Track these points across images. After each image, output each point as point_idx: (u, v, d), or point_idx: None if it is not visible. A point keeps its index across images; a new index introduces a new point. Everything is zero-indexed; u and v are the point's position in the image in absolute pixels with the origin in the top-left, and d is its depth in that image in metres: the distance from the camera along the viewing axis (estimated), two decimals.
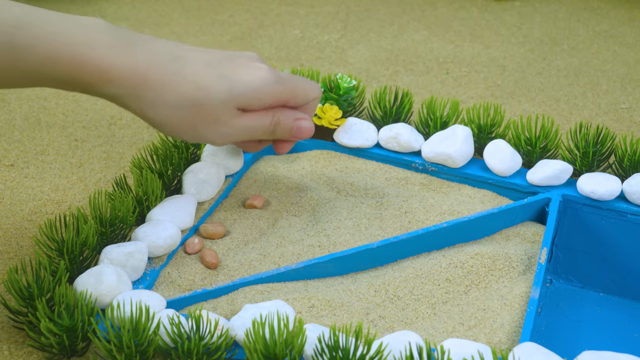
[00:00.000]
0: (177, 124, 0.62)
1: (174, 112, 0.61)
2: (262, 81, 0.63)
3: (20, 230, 0.72)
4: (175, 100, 0.61)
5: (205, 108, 0.62)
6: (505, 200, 0.74)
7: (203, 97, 0.61)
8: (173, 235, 0.66)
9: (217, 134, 0.63)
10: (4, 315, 0.62)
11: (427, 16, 1.21)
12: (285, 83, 0.65)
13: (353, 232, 0.70)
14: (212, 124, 0.63)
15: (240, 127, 0.64)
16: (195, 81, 0.61)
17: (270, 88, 0.64)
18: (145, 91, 0.60)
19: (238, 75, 0.63)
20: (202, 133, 0.63)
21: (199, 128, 0.63)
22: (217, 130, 0.63)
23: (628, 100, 0.97)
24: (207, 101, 0.61)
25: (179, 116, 0.62)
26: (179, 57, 0.62)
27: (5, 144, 0.85)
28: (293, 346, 0.53)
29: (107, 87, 0.60)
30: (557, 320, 0.68)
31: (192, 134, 0.63)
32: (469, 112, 0.80)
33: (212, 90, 0.61)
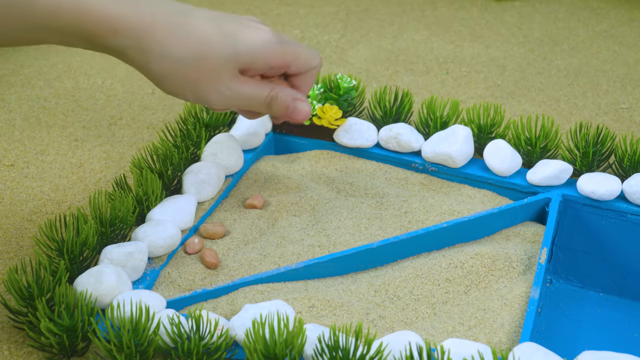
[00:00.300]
0: (180, 78, 0.62)
1: (178, 65, 0.61)
2: (266, 40, 0.64)
3: (20, 230, 0.72)
4: (180, 53, 0.61)
5: (208, 63, 0.61)
6: (505, 200, 0.74)
7: (207, 51, 0.61)
8: (173, 235, 0.66)
9: (217, 93, 0.63)
10: (4, 315, 0.62)
11: (427, 16, 1.21)
12: (288, 45, 0.65)
13: (353, 232, 0.70)
14: (214, 82, 0.62)
15: (239, 93, 0.64)
16: (200, 36, 0.61)
17: (274, 47, 0.64)
18: (150, 43, 0.60)
19: (242, 34, 0.63)
20: (203, 91, 0.63)
21: (200, 84, 0.62)
22: (218, 89, 0.63)
23: (628, 100, 0.97)
24: (211, 56, 0.61)
25: (183, 70, 0.61)
26: (184, 11, 0.62)
27: (5, 144, 0.85)
28: (293, 346, 0.53)
29: (112, 38, 0.59)
30: (557, 320, 0.68)
31: (194, 91, 0.63)
32: (469, 112, 0.80)
33: (216, 46, 0.61)
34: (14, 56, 1.04)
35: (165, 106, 0.94)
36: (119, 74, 1.01)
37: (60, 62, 1.04)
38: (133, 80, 1.00)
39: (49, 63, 1.03)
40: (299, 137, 0.81)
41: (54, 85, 0.98)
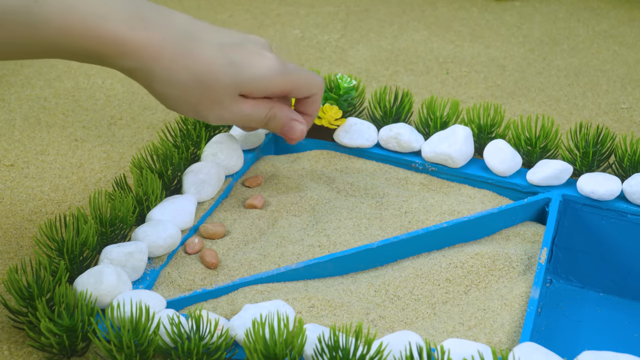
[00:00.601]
0: (180, 101, 0.64)
1: (181, 90, 0.63)
2: (269, 71, 0.65)
3: (20, 230, 0.72)
4: (184, 79, 0.63)
5: (210, 90, 0.64)
6: (505, 200, 0.74)
7: (211, 80, 0.63)
8: (173, 235, 0.65)
9: (215, 115, 0.65)
10: (4, 315, 0.62)
11: (427, 16, 1.21)
12: (290, 74, 0.67)
13: (353, 232, 0.70)
14: (213, 106, 0.65)
15: (238, 113, 0.66)
16: (206, 63, 0.63)
17: (276, 79, 0.66)
18: (156, 67, 0.62)
19: (247, 63, 0.64)
20: (202, 112, 0.65)
21: (200, 107, 0.65)
22: (216, 111, 0.65)
23: (628, 100, 0.97)
24: (214, 85, 0.63)
25: (184, 95, 0.63)
26: (193, 35, 0.63)
27: (5, 144, 0.85)
28: (293, 346, 0.53)
29: (120, 60, 0.61)
30: (557, 320, 0.68)
31: (193, 111, 0.65)
32: (469, 112, 0.80)
33: (221, 75, 0.63)
34: None
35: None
36: (119, 74, 1.01)
37: (60, 62, 1.04)
38: (133, 80, 1.00)
39: (49, 63, 1.03)
40: None
41: (54, 85, 0.98)
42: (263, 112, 0.67)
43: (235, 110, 0.66)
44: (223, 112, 0.65)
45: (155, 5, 0.64)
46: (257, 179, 0.76)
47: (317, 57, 1.07)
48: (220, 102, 0.65)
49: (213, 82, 0.63)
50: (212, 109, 0.65)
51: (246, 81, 0.64)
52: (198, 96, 0.64)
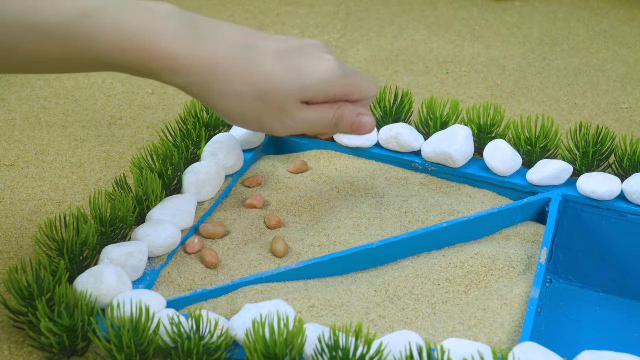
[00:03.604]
0: (243, 114, 0.62)
1: (241, 102, 0.61)
2: (330, 73, 0.63)
3: (20, 230, 0.72)
4: (244, 90, 0.60)
5: (272, 100, 0.61)
6: (505, 200, 0.74)
7: (271, 89, 0.61)
8: (173, 235, 0.65)
9: (280, 125, 0.63)
10: (4, 315, 0.62)
11: (427, 16, 1.21)
12: (350, 77, 0.65)
13: (353, 232, 0.70)
14: (277, 115, 0.62)
15: (303, 120, 0.63)
16: (265, 73, 0.61)
17: (337, 81, 0.63)
18: (213, 81, 0.59)
19: (307, 68, 0.62)
20: (266, 124, 0.63)
21: (263, 118, 0.62)
22: (281, 121, 0.63)
23: (628, 100, 0.97)
24: (275, 93, 0.61)
25: (246, 107, 0.61)
26: (249, 45, 0.61)
27: (5, 144, 0.85)
28: (293, 346, 0.53)
29: (173, 76, 0.59)
30: (557, 320, 0.68)
31: (256, 124, 0.63)
32: (469, 112, 0.80)
33: (281, 83, 0.61)
34: None
35: (165, 106, 0.94)
36: (119, 74, 1.01)
37: None
38: (133, 80, 1.00)
39: None
40: (299, 137, 0.81)
41: (54, 85, 0.98)
42: (329, 116, 0.65)
43: (300, 117, 0.63)
44: (287, 121, 0.63)
45: (205, 18, 0.61)
46: (257, 179, 0.76)
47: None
48: (283, 111, 0.62)
49: (274, 90, 0.61)
50: (276, 119, 0.62)
51: (308, 86, 0.62)
52: (260, 107, 0.61)
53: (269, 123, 0.63)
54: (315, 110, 0.64)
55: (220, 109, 0.62)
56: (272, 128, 0.63)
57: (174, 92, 0.98)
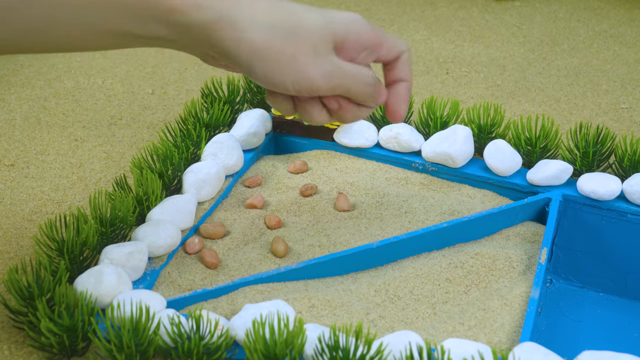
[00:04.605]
0: (276, 54, 0.55)
1: (272, 36, 0.55)
2: (356, 16, 0.60)
3: (20, 230, 0.72)
4: (271, 22, 0.55)
5: (302, 33, 0.56)
6: (505, 200, 0.74)
7: (300, 23, 0.56)
8: (173, 235, 0.65)
9: (318, 68, 0.57)
10: (4, 315, 0.62)
11: (427, 16, 1.21)
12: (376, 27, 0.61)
13: (353, 232, 0.70)
14: (312, 56, 0.56)
15: (343, 68, 0.58)
16: (290, 10, 0.57)
17: (365, 24, 0.60)
18: (239, 13, 0.54)
19: (332, 12, 0.59)
20: (303, 66, 0.56)
21: (299, 59, 0.56)
22: (318, 63, 0.57)
23: (628, 100, 0.97)
24: (304, 25, 0.56)
25: (278, 43, 0.55)
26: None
27: (6, 144, 0.85)
28: (293, 346, 0.53)
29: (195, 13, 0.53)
30: (557, 320, 0.68)
31: (293, 69, 0.56)
32: (469, 112, 0.80)
33: (308, 18, 0.57)
34: (14, 56, 1.04)
35: (165, 106, 0.94)
36: (119, 74, 1.01)
37: (60, 62, 1.04)
38: (133, 80, 1.00)
39: (49, 63, 1.03)
40: (299, 137, 0.81)
41: (54, 85, 0.98)
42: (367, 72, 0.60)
43: (337, 62, 0.57)
44: (324, 62, 0.57)
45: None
46: (257, 179, 0.76)
47: None
48: (316, 50, 0.56)
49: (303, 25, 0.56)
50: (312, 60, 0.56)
51: (335, 22, 0.57)
52: (292, 44, 0.55)
53: (305, 66, 0.56)
54: (353, 64, 0.59)
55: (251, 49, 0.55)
56: (309, 73, 0.57)
57: (174, 92, 0.98)
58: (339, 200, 0.73)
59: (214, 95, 0.85)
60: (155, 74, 1.02)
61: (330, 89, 0.58)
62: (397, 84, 0.63)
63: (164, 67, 1.04)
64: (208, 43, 0.55)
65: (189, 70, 1.03)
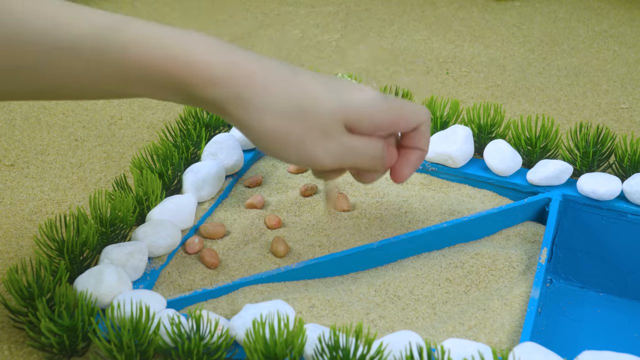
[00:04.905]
0: (283, 135, 0.56)
1: (281, 119, 0.56)
2: (372, 98, 0.59)
3: (20, 230, 0.72)
4: (283, 105, 0.56)
5: (314, 117, 0.56)
6: (505, 200, 0.74)
7: (312, 105, 0.56)
8: (173, 235, 0.66)
9: (325, 150, 0.57)
10: (4, 315, 0.62)
11: (427, 16, 1.21)
12: (394, 103, 0.60)
13: (353, 232, 0.70)
14: (321, 138, 0.57)
15: (350, 147, 0.58)
16: (304, 90, 0.56)
17: (380, 105, 0.59)
18: (250, 94, 0.55)
19: (347, 91, 0.58)
20: (310, 149, 0.57)
21: (306, 142, 0.57)
22: (326, 146, 0.57)
23: (628, 100, 0.97)
24: (317, 109, 0.56)
25: (286, 125, 0.56)
26: (286, 66, 0.58)
27: (5, 144, 0.85)
28: (293, 346, 0.53)
29: (210, 89, 0.55)
30: (557, 320, 0.68)
31: (298, 150, 0.57)
32: (469, 112, 0.80)
33: (322, 100, 0.57)
34: None
35: (165, 106, 0.94)
36: None
37: None
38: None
39: None
40: None
41: None
42: (379, 145, 0.60)
43: (347, 143, 0.58)
44: (332, 145, 0.57)
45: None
46: (257, 179, 0.76)
47: (317, 57, 1.08)
48: (326, 134, 0.57)
49: (315, 106, 0.56)
50: (319, 143, 0.57)
51: (350, 106, 0.57)
52: (301, 128, 0.56)
53: (312, 148, 0.57)
54: (363, 140, 0.59)
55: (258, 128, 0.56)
56: (315, 155, 0.57)
57: None
58: (339, 201, 0.73)
59: None
60: None
61: (338, 166, 0.59)
62: (410, 150, 0.63)
63: None
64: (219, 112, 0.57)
65: None
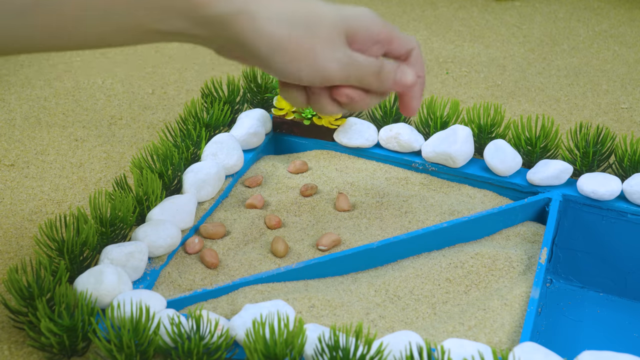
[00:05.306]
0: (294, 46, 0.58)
1: (291, 29, 0.58)
2: (368, 11, 0.63)
3: (20, 230, 0.72)
4: (289, 15, 0.58)
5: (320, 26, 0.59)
6: (505, 200, 0.74)
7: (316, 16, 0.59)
8: (173, 235, 0.65)
9: (335, 60, 0.60)
10: (4, 315, 0.62)
11: (427, 16, 1.21)
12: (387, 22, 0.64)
13: (353, 232, 0.70)
14: (330, 47, 0.59)
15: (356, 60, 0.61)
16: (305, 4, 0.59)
17: (376, 18, 0.63)
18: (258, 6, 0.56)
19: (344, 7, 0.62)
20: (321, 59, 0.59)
21: (317, 51, 0.59)
22: (335, 56, 0.60)
23: (628, 100, 0.97)
24: (320, 21, 0.59)
25: (296, 35, 0.58)
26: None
27: (6, 144, 0.85)
28: (293, 346, 0.53)
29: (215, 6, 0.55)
30: (557, 320, 0.68)
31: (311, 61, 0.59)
32: (469, 112, 0.80)
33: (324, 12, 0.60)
34: (14, 56, 1.04)
35: (165, 106, 0.94)
36: (119, 74, 1.01)
37: (60, 62, 1.04)
38: (133, 80, 1.00)
39: (49, 63, 1.03)
40: (299, 137, 0.81)
41: (54, 85, 0.98)
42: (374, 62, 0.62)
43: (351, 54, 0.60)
44: (342, 56, 0.60)
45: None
46: (257, 179, 0.76)
47: None
48: (333, 43, 0.59)
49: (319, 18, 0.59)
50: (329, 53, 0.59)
51: (349, 17, 0.61)
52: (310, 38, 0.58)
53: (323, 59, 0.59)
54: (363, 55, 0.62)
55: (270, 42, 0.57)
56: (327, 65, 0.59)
57: (174, 92, 0.98)
58: (339, 200, 0.73)
59: (214, 95, 0.85)
60: (155, 74, 1.02)
61: (344, 79, 0.61)
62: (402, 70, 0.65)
63: (163, 67, 1.04)
64: (228, 35, 0.56)
65: (189, 70, 1.03)
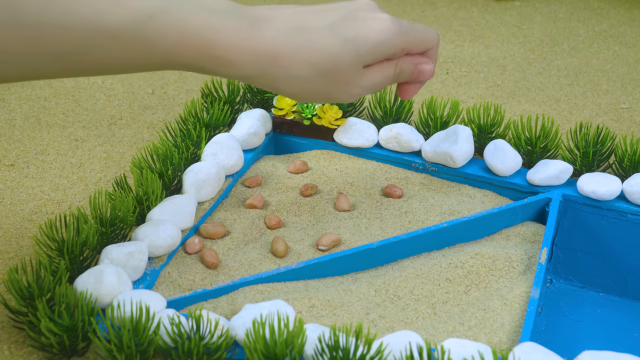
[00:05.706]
0: (311, 93, 0.64)
1: (307, 84, 0.62)
2: (386, 34, 0.64)
3: (20, 230, 0.72)
4: (307, 73, 0.62)
5: (335, 75, 0.63)
6: (505, 200, 0.74)
7: (332, 65, 0.62)
8: (173, 235, 0.65)
9: (347, 95, 0.65)
10: (4, 315, 0.62)
11: (427, 16, 1.21)
12: (407, 34, 0.65)
13: (353, 232, 0.70)
14: (343, 87, 0.64)
15: (368, 85, 0.65)
16: (323, 52, 0.62)
17: (394, 40, 0.64)
18: (276, 69, 0.61)
19: (362, 34, 0.63)
20: (335, 97, 0.64)
21: (331, 93, 0.64)
22: (348, 91, 0.64)
23: (628, 100, 0.97)
24: (337, 69, 0.62)
25: (312, 87, 0.63)
26: (302, 27, 0.62)
27: (5, 144, 0.85)
28: (293, 346, 0.53)
29: (237, 69, 0.61)
30: (557, 320, 0.68)
31: (326, 99, 0.65)
32: (469, 112, 0.80)
33: (340, 57, 0.62)
34: None
35: (165, 106, 0.94)
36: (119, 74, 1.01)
37: None
38: (133, 80, 1.00)
39: None
40: (299, 137, 0.81)
41: (54, 85, 0.98)
42: (391, 72, 0.66)
43: (365, 83, 0.64)
44: (354, 90, 0.64)
45: (258, 8, 0.63)
46: (257, 179, 0.76)
47: None
48: (348, 82, 0.63)
49: (335, 66, 0.62)
50: (343, 92, 0.64)
51: (366, 53, 0.63)
52: (326, 84, 0.63)
53: (337, 96, 0.64)
54: (377, 71, 0.65)
55: (288, 93, 0.63)
56: (341, 99, 0.65)
57: (174, 92, 0.98)
58: (339, 200, 0.73)
59: (214, 95, 0.85)
60: (155, 73, 1.02)
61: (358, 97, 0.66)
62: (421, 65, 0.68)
63: None
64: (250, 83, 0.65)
65: None
